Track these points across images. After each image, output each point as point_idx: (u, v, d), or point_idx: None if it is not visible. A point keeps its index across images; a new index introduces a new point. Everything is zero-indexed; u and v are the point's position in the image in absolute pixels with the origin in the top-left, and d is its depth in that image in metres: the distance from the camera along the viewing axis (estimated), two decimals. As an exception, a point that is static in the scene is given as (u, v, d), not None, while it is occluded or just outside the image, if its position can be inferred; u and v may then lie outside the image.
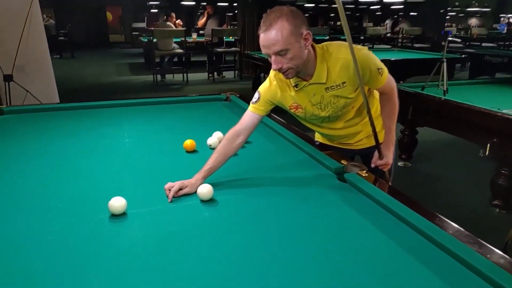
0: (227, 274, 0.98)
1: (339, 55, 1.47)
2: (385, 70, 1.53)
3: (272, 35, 1.33)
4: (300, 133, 1.96)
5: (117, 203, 1.24)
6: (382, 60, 1.54)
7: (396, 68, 5.36)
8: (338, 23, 14.14)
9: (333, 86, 1.51)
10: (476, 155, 3.85)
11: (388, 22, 11.99)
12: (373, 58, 1.49)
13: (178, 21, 9.07)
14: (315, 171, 1.60)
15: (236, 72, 8.91)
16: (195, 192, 1.38)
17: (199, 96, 2.99)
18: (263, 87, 1.60)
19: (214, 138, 1.89)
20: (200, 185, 1.39)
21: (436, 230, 1.12)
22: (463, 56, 5.81)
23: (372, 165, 1.64)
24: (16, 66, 4.24)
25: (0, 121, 2.28)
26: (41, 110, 2.52)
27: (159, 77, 8.18)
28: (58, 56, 11.66)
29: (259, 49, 1.46)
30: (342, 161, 1.61)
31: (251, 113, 1.59)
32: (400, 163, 3.68)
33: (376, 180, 1.46)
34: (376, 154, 1.64)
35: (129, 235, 1.14)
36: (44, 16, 10.08)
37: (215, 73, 8.61)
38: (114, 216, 1.23)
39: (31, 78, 4.50)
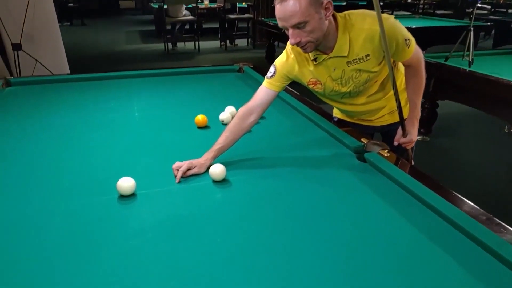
0: (240, 261, 0.92)
1: (363, 26, 1.34)
2: (413, 41, 1.40)
3: (289, 6, 1.20)
4: (317, 108, 1.86)
5: (126, 183, 1.18)
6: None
7: (416, 37, 5.10)
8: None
9: (355, 59, 1.39)
10: (499, 131, 3.72)
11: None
12: (400, 28, 1.36)
13: None
14: (333, 149, 1.52)
15: (249, 40, 8.68)
16: (204, 172, 1.32)
17: (211, 66, 2.87)
18: (279, 61, 1.49)
19: (227, 113, 1.80)
20: (209, 165, 1.32)
21: (465, 218, 1.04)
22: (489, 23, 5.51)
23: (395, 143, 1.55)
24: (24, 35, 4.15)
25: (7, 93, 2.23)
26: (49, 82, 2.45)
27: (170, 45, 8.01)
28: (69, 23, 11.50)
29: (273, 16, 1.34)
30: (362, 139, 1.52)
31: (266, 89, 1.48)
32: (418, 137, 3.55)
33: (398, 161, 1.37)
34: (399, 131, 1.54)
35: (139, 219, 1.09)
36: (53, -19, 9.88)
37: (228, 41, 8.40)
38: (123, 197, 1.18)
39: (40, 47, 4.42)
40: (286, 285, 0.85)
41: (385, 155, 1.40)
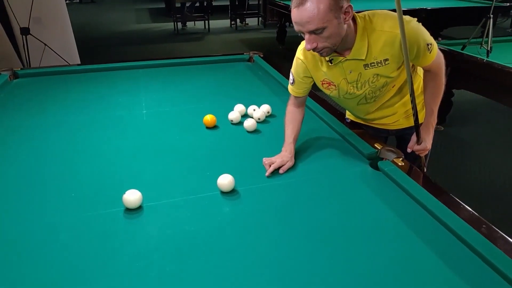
0: (247, 281, 0.91)
1: (384, 28, 1.26)
2: (435, 45, 1.32)
3: (306, 11, 1.13)
4: (330, 107, 1.80)
5: (133, 197, 1.16)
6: (417, 10, 1.32)
7: (431, 19, 4.95)
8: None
9: (373, 63, 1.33)
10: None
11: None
12: (422, 32, 1.29)
13: None
14: (346, 155, 1.47)
15: (260, 19, 8.50)
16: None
17: (221, 56, 2.80)
18: (293, 67, 1.49)
19: (236, 112, 1.76)
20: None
21: (482, 242, 1.00)
22: (508, 4, 5.28)
23: (409, 150, 1.49)
24: (32, 18, 4.09)
25: (14, 86, 2.21)
26: (56, 73, 2.41)
27: (179, 25, 7.88)
28: (78, 1, 11.39)
29: None
30: (376, 145, 1.47)
31: (292, 96, 1.54)
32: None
33: (414, 172, 1.32)
34: (413, 138, 1.48)
35: (145, 236, 1.07)
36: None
37: (238, 20, 8.23)
38: (129, 210, 1.16)
39: (48, 30, 4.36)
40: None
41: (400, 164, 1.35)
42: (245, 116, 1.79)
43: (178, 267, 0.96)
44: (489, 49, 2.93)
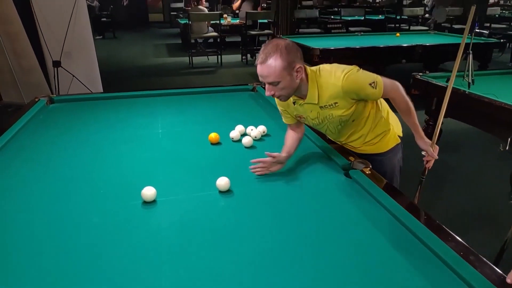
0: (236, 254, 1.19)
1: (329, 81, 1.58)
2: (378, 80, 1.58)
3: (266, 68, 1.47)
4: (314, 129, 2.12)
5: (149, 192, 1.47)
6: (414, 46, 1.59)
7: (430, 54, 5.31)
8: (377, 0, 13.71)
9: (325, 105, 1.65)
10: (497, 147, 3.87)
11: (429, 0, 11.50)
12: (362, 78, 1.56)
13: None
14: (325, 165, 1.78)
15: (270, 54, 8.97)
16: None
17: (228, 86, 3.17)
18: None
19: (236, 131, 2.09)
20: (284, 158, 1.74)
21: (422, 229, 1.26)
22: (502, 40, 5.62)
23: (430, 158, 1.86)
24: (64, 53, 4.58)
25: (51, 110, 2.59)
26: (86, 100, 2.80)
27: (194, 59, 8.40)
28: (101, 37, 12.12)
29: (292, 34, 1.62)
30: (350, 158, 1.77)
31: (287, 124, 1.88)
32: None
33: (379, 180, 1.60)
34: (429, 151, 1.81)
35: (158, 221, 1.38)
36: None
37: (249, 55, 8.73)
38: (146, 203, 1.47)
39: (77, 63, 4.85)
40: (270, 269, 1.12)
41: (367, 172, 1.65)
42: (244, 135, 2.11)
43: (182, 243, 1.25)
44: (470, 81, 3.23)
